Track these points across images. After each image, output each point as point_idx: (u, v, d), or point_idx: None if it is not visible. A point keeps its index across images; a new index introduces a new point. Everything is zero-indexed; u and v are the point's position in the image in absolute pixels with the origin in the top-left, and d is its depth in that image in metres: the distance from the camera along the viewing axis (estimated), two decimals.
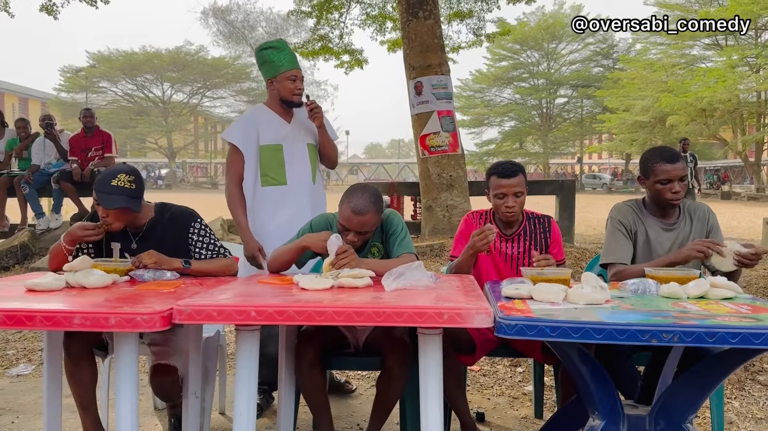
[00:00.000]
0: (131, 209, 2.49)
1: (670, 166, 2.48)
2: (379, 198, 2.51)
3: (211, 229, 2.69)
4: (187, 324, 2.36)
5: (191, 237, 2.61)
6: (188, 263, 2.50)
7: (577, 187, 42.80)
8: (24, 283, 2.18)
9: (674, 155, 2.52)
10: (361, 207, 2.42)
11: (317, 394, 2.45)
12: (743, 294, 2.12)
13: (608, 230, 2.64)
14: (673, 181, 2.48)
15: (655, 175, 2.50)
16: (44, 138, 7.26)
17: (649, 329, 1.64)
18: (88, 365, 2.40)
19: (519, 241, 2.73)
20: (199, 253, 2.60)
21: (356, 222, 2.43)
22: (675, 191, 2.48)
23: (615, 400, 1.99)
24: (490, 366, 3.82)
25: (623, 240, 2.57)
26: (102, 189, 2.45)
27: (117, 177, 2.46)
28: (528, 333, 1.69)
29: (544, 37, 40.27)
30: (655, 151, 2.58)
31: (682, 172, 2.50)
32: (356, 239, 2.49)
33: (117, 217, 2.48)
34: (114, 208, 2.45)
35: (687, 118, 25.98)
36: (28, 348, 4.19)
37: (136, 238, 2.60)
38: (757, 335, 1.63)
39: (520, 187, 2.66)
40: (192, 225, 2.62)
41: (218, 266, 2.58)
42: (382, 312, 1.79)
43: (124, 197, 2.45)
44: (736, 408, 3.16)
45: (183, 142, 49.06)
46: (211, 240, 2.63)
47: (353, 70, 12.37)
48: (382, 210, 2.53)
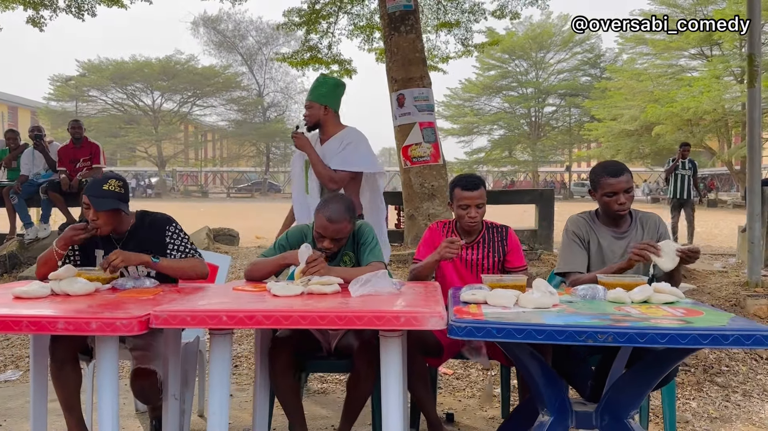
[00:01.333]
0: (121, 211, 2.69)
1: (614, 179, 2.64)
2: (352, 207, 2.69)
3: (185, 233, 2.86)
4: (166, 329, 2.50)
5: (167, 239, 2.78)
6: (157, 258, 2.65)
7: (566, 194, 42.97)
8: (11, 291, 2.31)
9: (619, 170, 2.67)
10: (335, 216, 2.59)
11: (291, 397, 2.59)
12: (684, 299, 2.28)
13: (563, 241, 2.80)
14: (618, 193, 2.64)
15: (602, 188, 2.67)
16: (33, 149, 7.37)
17: (586, 330, 1.80)
18: (72, 369, 2.52)
19: (478, 248, 2.92)
20: (171, 254, 2.77)
21: (331, 230, 2.60)
22: (621, 202, 2.65)
23: (563, 398, 2.14)
24: (464, 370, 3.96)
25: (577, 250, 2.73)
26: (93, 193, 2.64)
27: (108, 182, 2.67)
28: (476, 335, 1.84)
29: (532, 46, 40.71)
30: (601, 166, 2.75)
31: (627, 185, 2.65)
32: (332, 245, 2.66)
33: (106, 220, 2.66)
34: (106, 209, 2.63)
35: (673, 128, 26.31)
36: (16, 355, 4.29)
37: (119, 244, 2.76)
38: (683, 335, 1.78)
39: (482, 199, 2.86)
40: (167, 228, 2.80)
41: (187, 264, 2.74)
42: (344, 316, 1.93)
43: (114, 200, 2.65)
44: (693, 408, 3.32)
45: (173, 151, 49.06)
46: (183, 242, 2.81)
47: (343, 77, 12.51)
48: (355, 218, 2.71)
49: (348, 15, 11.84)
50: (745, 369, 3.72)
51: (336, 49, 12.20)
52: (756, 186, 5.53)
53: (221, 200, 38.99)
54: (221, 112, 46.73)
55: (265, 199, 40.34)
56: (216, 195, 45.68)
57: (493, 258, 2.90)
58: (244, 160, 53.43)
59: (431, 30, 12.20)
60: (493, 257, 2.89)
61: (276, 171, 51.12)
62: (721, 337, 1.78)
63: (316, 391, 3.68)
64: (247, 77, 46.44)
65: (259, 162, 50.37)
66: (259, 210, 23.92)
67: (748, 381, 3.60)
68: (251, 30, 45.31)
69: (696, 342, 1.78)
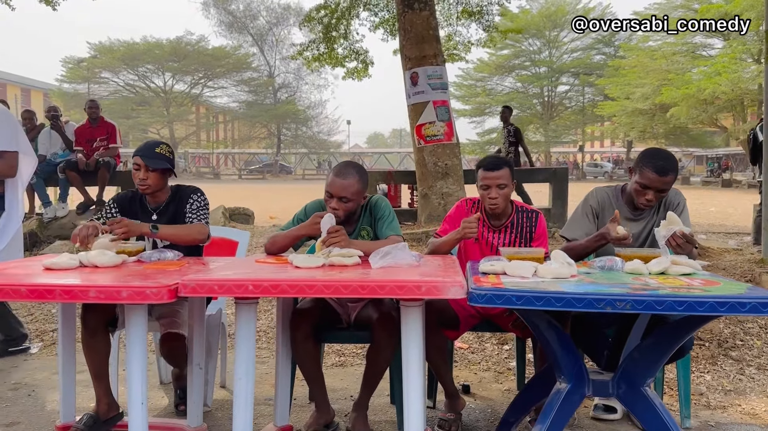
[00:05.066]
0: (169, 173, 2.88)
1: (654, 176, 2.59)
2: (363, 170, 2.73)
3: (206, 204, 2.95)
4: (191, 299, 2.57)
5: (187, 205, 2.90)
6: (156, 228, 2.71)
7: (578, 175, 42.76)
8: (42, 263, 2.38)
9: (664, 168, 2.60)
10: (343, 172, 2.65)
11: (311, 365, 2.66)
12: (702, 271, 2.30)
13: (577, 208, 2.84)
14: (650, 188, 2.62)
15: (641, 176, 2.64)
16: (50, 129, 7.45)
17: (604, 298, 1.83)
18: (103, 337, 2.61)
19: (506, 233, 2.88)
20: (187, 217, 2.88)
21: (338, 185, 2.63)
22: (648, 198, 2.64)
23: (580, 366, 2.19)
24: (479, 344, 4.02)
25: (585, 222, 2.77)
26: (147, 154, 2.81)
27: (159, 146, 2.87)
28: (496, 302, 1.89)
29: (546, 24, 40.20)
30: (651, 156, 2.67)
31: (662, 185, 2.61)
32: (338, 206, 2.65)
33: (155, 180, 2.82)
34: (158, 168, 2.80)
35: (687, 107, 26.02)
36: (40, 329, 4.40)
37: (156, 212, 2.91)
38: (701, 303, 1.82)
39: (504, 179, 2.78)
40: (191, 196, 2.92)
41: (187, 230, 2.81)
42: (367, 286, 1.98)
43: (166, 161, 2.84)
44: (707, 381, 3.36)
45: (185, 133, 49.15)
46: (199, 206, 2.90)
47: (361, 79, 12.24)
48: (365, 180, 2.72)
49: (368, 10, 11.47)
50: (760, 343, 3.74)
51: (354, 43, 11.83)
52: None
53: (233, 182, 39.15)
54: (232, 93, 46.72)
55: (276, 180, 40.46)
56: (228, 176, 45.85)
57: (520, 244, 2.86)
58: (256, 142, 53.46)
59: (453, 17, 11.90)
60: (520, 242, 2.86)
61: (287, 152, 51.18)
62: (739, 305, 1.81)
63: (333, 364, 3.75)
64: (258, 58, 46.35)
65: (270, 143, 50.40)
66: (271, 191, 24.03)
67: (762, 355, 3.62)
68: (262, 10, 45.11)
69: (713, 309, 1.81)
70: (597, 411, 2.92)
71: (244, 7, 44.91)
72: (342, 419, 2.87)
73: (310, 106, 47.18)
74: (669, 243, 2.37)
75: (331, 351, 3.91)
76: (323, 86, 65.31)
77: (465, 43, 12.36)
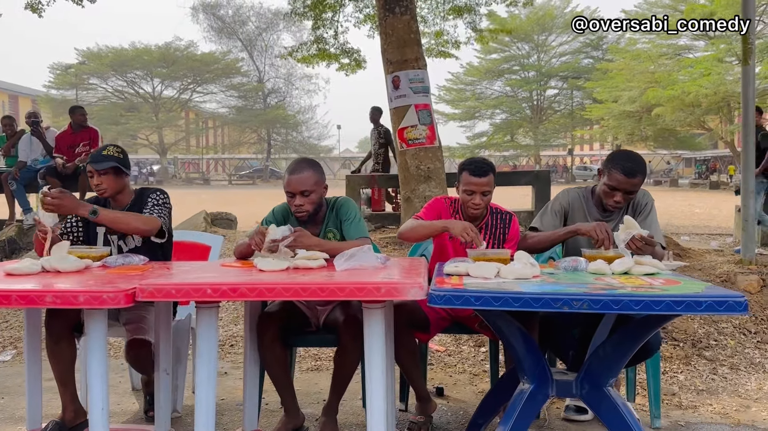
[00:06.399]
0: (122, 174, 2.81)
1: (622, 177, 2.59)
2: (315, 163, 2.74)
3: (166, 203, 2.89)
4: (156, 304, 2.55)
5: (147, 203, 2.84)
6: (95, 212, 2.62)
7: (568, 178, 42.84)
8: (3, 268, 2.35)
9: (632, 170, 2.60)
10: (296, 168, 2.65)
11: (279, 369, 2.64)
12: (665, 271, 2.31)
13: (547, 206, 2.87)
14: (619, 190, 2.61)
15: (609, 178, 2.64)
16: (30, 135, 7.39)
17: (561, 297, 1.83)
18: (68, 344, 2.58)
19: (480, 234, 2.83)
20: (142, 212, 2.81)
21: (295, 181, 2.62)
22: (617, 200, 2.64)
23: (543, 366, 2.19)
24: (456, 346, 4.01)
25: (553, 218, 2.80)
26: (94, 159, 2.81)
27: (106, 148, 2.84)
28: (455, 303, 1.88)
29: (535, 29, 40.42)
30: (620, 158, 2.66)
31: (632, 187, 2.61)
32: (302, 202, 2.63)
33: (109, 183, 2.79)
34: (105, 167, 2.76)
35: (673, 109, 26.19)
36: (15, 336, 4.35)
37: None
38: (657, 302, 1.82)
39: (489, 186, 2.76)
40: (150, 196, 2.88)
41: (129, 218, 2.71)
42: (326, 288, 1.97)
43: (113, 161, 2.78)
44: (680, 381, 3.37)
45: (174, 138, 49.00)
46: (155, 204, 2.83)
47: (355, 72, 12.27)
48: (320, 171, 2.71)
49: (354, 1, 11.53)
50: (734, 343, 3.76)
51: (343, 38, 11.90)
52: (750, 163, 5.52)
53: (223, 187, 39.02)
54: (221, 98, 46.61)
55: (266, 185, 40.33)
56: (218, 182, 45.70)
57: (493, 245, 2.84)
58: (246, 147, 53.32)
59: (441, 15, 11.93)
60: (493, 244, 2.84)
61: (277, 157, 51.06)
62: (695, 304, 1.81)
63: (309, 368, 3.74)
64: (247, 63, 46.27)
65: (261, 149, 50.28)
66: (261, 196, 23.94)
67: (735, 355, 3.64)
68: (251, 16, 45.03)
69: (670, 308, 1.81)
70: (568, 412, 2.92)
71: (233, 13, 44.85)
72: (312, 424, 2.86)
73: (300, 111, 47.14)
74: (629, 246, 2.38)
75: (308, 356, 3.89)
76: (313, 91, 65.19)
77: (454, 42, 12.37)
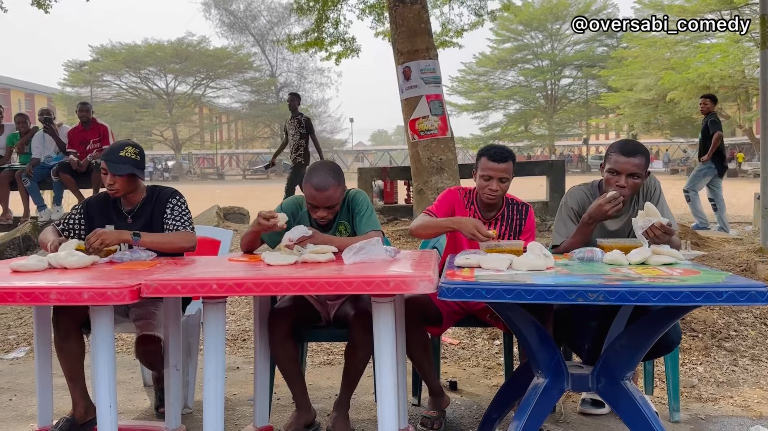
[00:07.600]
0: (137, 177, 2.76)
1: (623, 158, 2.52)
2: (339, 171, 2.63)
3: (186, 208, 2.86)
4: (165, 299, 2.53)
5: (167, 210, 2.80)
6: (138, 235, 2.62)
7: (583, 168, 42.42)
8: (9, 265, 2.34)
9: (632, 150, 2.53)
10: (322, 184, 2.55)
11: (290, 365, 2.61)
12: (683, 260, 2.24)
13: (558, 215, 2.73)
14: (621, 173, 2.53)
15: (609, 162, 2.56)
16: (43, 132, 7.42)
17: (576, 289, 1.77)
18: (75, 340, 2.56)
19: (496, 225, 2.79)
20: (166, 222, 2.79)
21: (321, 198, 2.56)
22: (621, 185, 2.53)
23: (558, 360, 2.12)
24: (470, 340, 3.96)
25: (571, 225, 2.66)
26: (111, 158, 2.72)
27: (124, 149, 2.75)
28: (466, 296, 1.83)
29: (548, 17, 39.97)
30: (619, 143, 2.61)
31: (633, 168, 2.51)
32: (326, 214, 2.61)
33: (122, 185, 2.73)
34: (122, 174, 2.70)
35: (689, 95, 25.79)
36: (28, 333, 4.37)
37: (131, 215, 2.83)
38: (676, 293, 1.75)
39: (507, 173, 2.69)
40: (170, 200, 2.82)
41: (171, 238, 2.72)
42: (334, 282, 1.93)
43: (130, 165, 2.72)
44: (700, 373, 3.29)
45: (188, 134, 49.20)
46: (180, 214, 2.80)
47: (343, 59, 12.21)
48: (343, 182, 2.65)
49: None
50: (754, 333, 3.67)
51: (342, 27, 11.86)
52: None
53: (237, 182, 39.16)
54: (234, 93, 46.73)
55: (280, 179, 40.39)
56: (232, 177, 45.87)
57: (508, 237, 2.78)
58: (259, 142, 53.46)
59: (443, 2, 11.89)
60: (509, 236, 2.78)
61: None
62: (715, 294, 1.74)
63: (321, 363, 3.71)
64: (260, 58, 46.32)
65: (274, 143, 50.33)
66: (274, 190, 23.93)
67: (756, 346, 3.55)
68: (263, 10, 45.09)
69: (689, 299, 1.75)
70: (584, 406, 2.86)
71: (244, 8, 44.94)
72: (324, 419, 2.82)
73: (312, 105, 47.12)
74: (647, 234, 2.30)
75: (320, 350, 3.87)
76: (326, 84, 65.36)
77: (457, 31, 12.26)
